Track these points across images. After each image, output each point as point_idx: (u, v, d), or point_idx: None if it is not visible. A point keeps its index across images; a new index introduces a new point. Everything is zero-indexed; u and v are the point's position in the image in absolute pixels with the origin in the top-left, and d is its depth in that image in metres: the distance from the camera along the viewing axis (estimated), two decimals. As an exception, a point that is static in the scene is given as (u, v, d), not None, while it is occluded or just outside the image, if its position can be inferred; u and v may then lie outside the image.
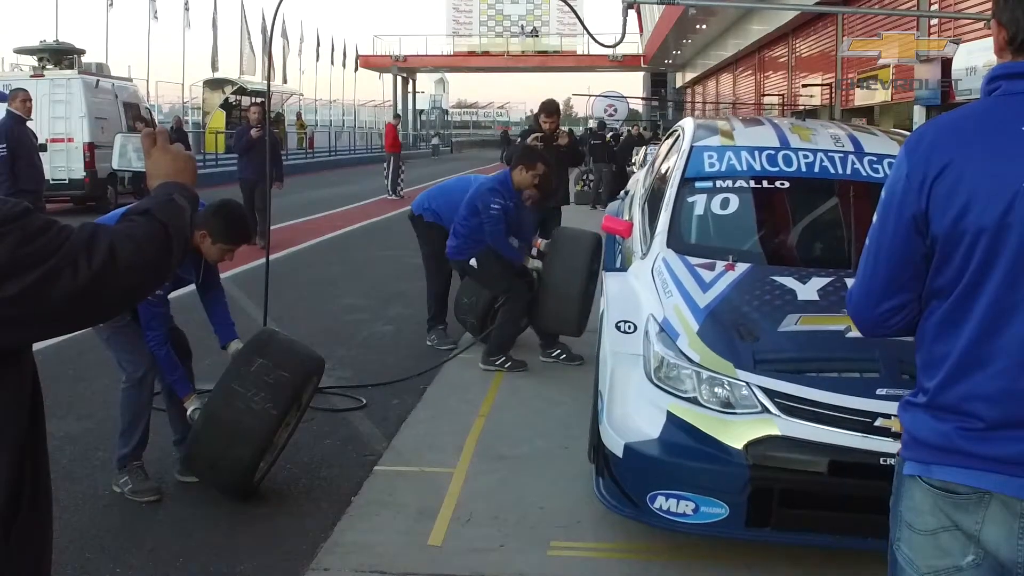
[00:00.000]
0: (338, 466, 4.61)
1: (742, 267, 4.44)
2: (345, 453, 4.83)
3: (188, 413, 4.41)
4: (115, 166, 2.07)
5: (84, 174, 17.34)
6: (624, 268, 5.14)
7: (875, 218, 1.81)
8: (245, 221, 4.49)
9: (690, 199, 5.07)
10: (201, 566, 3.81)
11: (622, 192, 8.98)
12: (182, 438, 4.56)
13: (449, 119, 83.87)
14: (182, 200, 1.68)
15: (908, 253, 1.75)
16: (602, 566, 3.89)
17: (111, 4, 34.43)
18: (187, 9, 38.70)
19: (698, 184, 5.11)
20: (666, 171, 5.66)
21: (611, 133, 26.22)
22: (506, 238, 6.46)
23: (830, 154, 5.10)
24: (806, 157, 5.08)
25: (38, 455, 1.57)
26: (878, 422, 3.46)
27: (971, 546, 1.71)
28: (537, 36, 70.76)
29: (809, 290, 4.20)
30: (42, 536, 1.58)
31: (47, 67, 18.55)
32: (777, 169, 5.07)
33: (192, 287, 4.59)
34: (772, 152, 5.16)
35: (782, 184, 5.07)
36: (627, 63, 56.31)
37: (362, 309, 8.95)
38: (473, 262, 6.60)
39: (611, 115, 34.67)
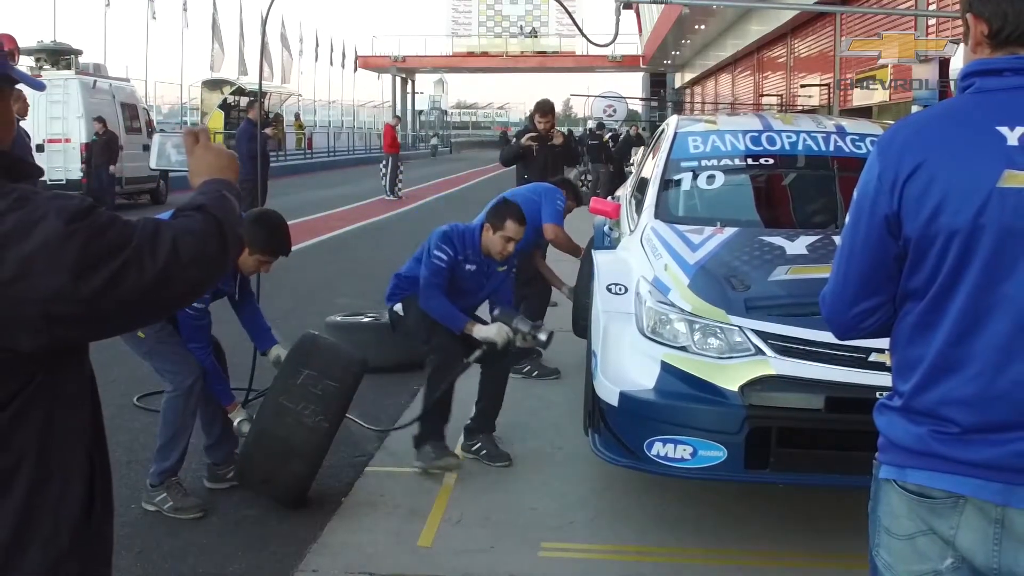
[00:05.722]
0: (329, 466, 4.59)
1: (730, 230, 4.53)
2: (336, 453, 4.80)
3: (235, 425, 4.38)
4: (153, 165, 2.04)
5: (81, 174, 17.33)
6: (613, 247, 5.23)
7: (847, 218, 1.79)
8: (286, 231, 4.36)
9: (676, 176, 5.17)
10: (190, 567, 3.80)
11: (617, 193, 9.01)
12: (215, 443, 4.54)
13: (448, 119, 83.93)
14: (231, 196, 1.68)
15: (881, 254, 1.73)
16: (593, 567, 3.88)
17: (108, 4, 34.41)
18: (185, 9, 38.71)
19: (684, 164, 5.21)
20: (652, 160, 5.77)
21: (609, 133, 26.22)
22: (444, 295, 4.75)
23: (813, 134, 5.26)
24: (789, 137, 5.23)
25: (102, 446, 1.62)
26: (872, 357, 3.50)
27: (949, 550, 1.70)
28: (536, 36, 70.94)
29: (798, 246, 4.30)
30: (110, 527, 1.64)
31: (44, 67, 18.55)
32: (761, 148, 5.20)
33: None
34: (755, 134, 5.30)
35: (766, 161, 5.19)
36: (626, 63, 56.39)
37: (357, 309, 8.93)
38: (399, 307, 5.01)
39: (610, 115, 34.56)
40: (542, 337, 4.80)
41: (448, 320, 4.74)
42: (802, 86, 26.10)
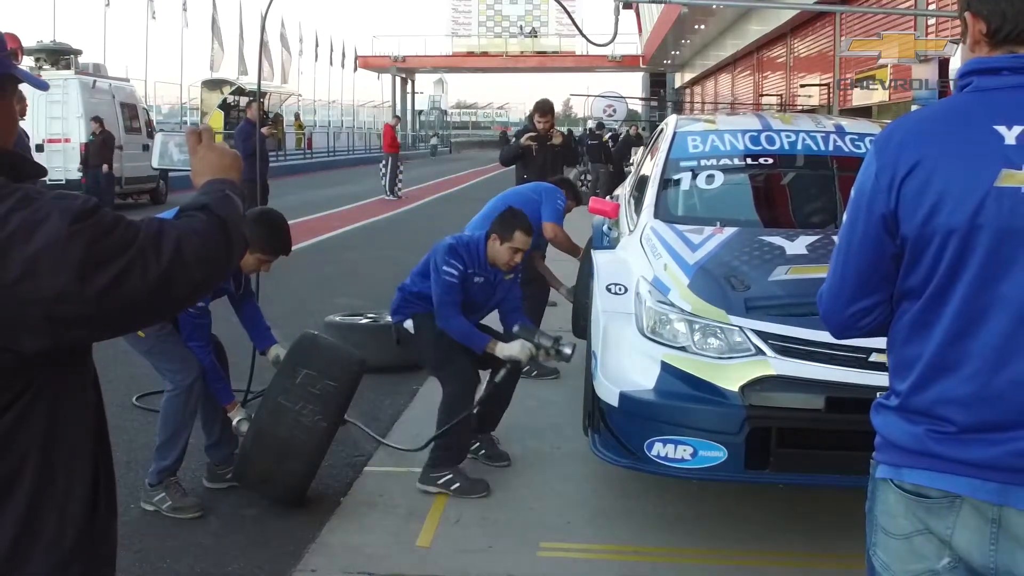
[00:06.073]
0: (328, 466, 4.59)
1: (730, 230, 4.53)
2: (335, 453, 4.81)
3: (234, 424, 4.36)
4: (155, 164, 2.01)
5: (80, 174, 17.33)
6: (613, 247, 5.23)
7: (845, 217, 1.78)
8: (287, 230, 4.36)
9: (675, 176, 5.18)
10: (189, 567, 3.80)
11: (615, 192, 9.01)
12: (215, 443, 4.54)
13: (448, 119, 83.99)
14: (235, 196, 1.67)
15: (878, 253, 1.72)
16: (592, 567, 3.88)
17: (108, 4, 34.41)
18: (185, 9, 38.71)
19: (683, 163, 5.22)
20: (651, 160, 5.77)
21: (609, 133, 26.24)
22: (461, 314, 4.61)
23: (812, 134, 5.27)
24: (788, 137, 5.24)
25: (105, 446, 1.61)
26: (872, 357, 3.49)
27: (946, 549, 1.69)
28: (536, 36, 71.02)
29: (798, 246, 4.31)
30: (114, 527, 1.62)
31: (44, 67, 18.52)
32: (760, 148, 5.20)
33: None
34: (755, 133, 5.30)
35: (766, 161, 5.20)
36: (626, 63, 56.44)
37: (356, 309, 8.93)
38: (409, 324, 4.78)
39: (610, 115, 34.57)
40: (567, 351, 4.67)
41: (468, 340, 4.58)
42: (802, 86, 26.12)
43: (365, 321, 6.96)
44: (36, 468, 1.45)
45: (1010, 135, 1.61)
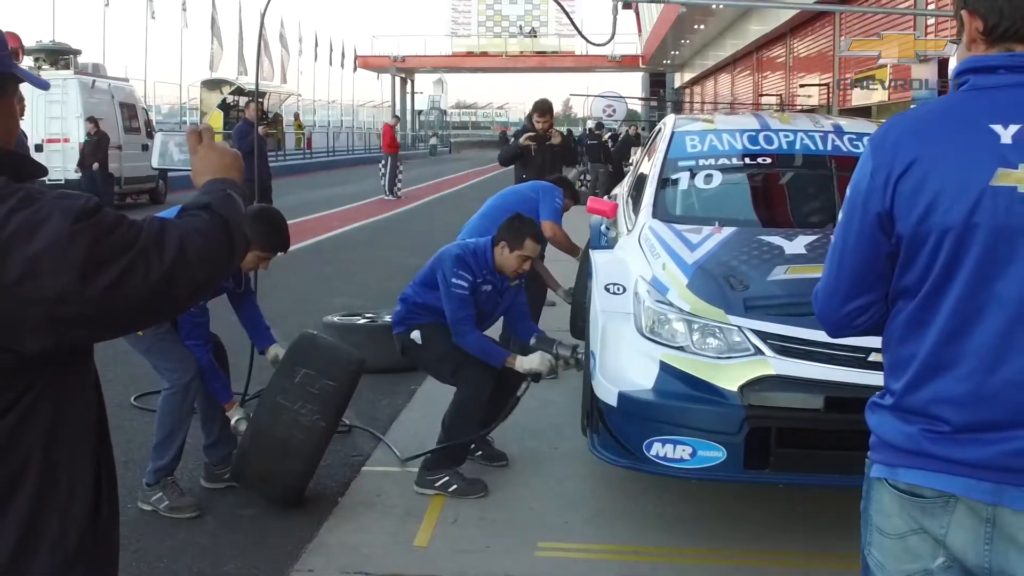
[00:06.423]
0: (326, 466, 4.59)
1: (729, 229, 4.53)
2: (333, 453, 4.81)
3: (232, 423, 4.35)
4: (155, 164, 2.00)
5: (79, 174, 17.33)
6: (611, 247, 5.22)
7: (840, 215, 1.78)
8: (285, 228, 4.35)
9: (674, 176, 5.18)
10: (186, 567, 3.80)
11: (613, 192, 9.01)
12: (214, 442, 4.53)
13: (448, 119, 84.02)
14: (236, 196, 1.67)
15: (873, 252, 1.71)
16: (591, 567, 3.88)
17: (107, 4, 34.41)
18: (184, 9, 38.72)
19: (681, 163, 5.22)
20: (649, 160, 5.77)
21: (608, 133, 26.26)
22: (476, 328, 4.52)
23: (811, 133, 5.27)
24: (787, 136, 5.24)
25: (107, 446, 1.60)
26: (871, 357, 3.49)
27: (940, 549, 1.69)
28: (535, 36, 71.06)
29: (796, 245, 4.31)
30: (116, 528, 1.61)
31: (43, 67, 18.52)
32: (758, 147, 5.20)
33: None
34: (753, 133, 5.30)
35: (764, 160, 5.20)
36: (626, 63, 56.52)
37: (354, 309, 8.91)
38: (416, 335, 4.65)
39: (609, 115, 34.60)
40: None
41: (487, 355, 4.48)
42: (801, 86, 26.13)
43: (363, 321, 6.95)
44: (39, 469, 1.44)
45: (1006, 134, 1.61)
